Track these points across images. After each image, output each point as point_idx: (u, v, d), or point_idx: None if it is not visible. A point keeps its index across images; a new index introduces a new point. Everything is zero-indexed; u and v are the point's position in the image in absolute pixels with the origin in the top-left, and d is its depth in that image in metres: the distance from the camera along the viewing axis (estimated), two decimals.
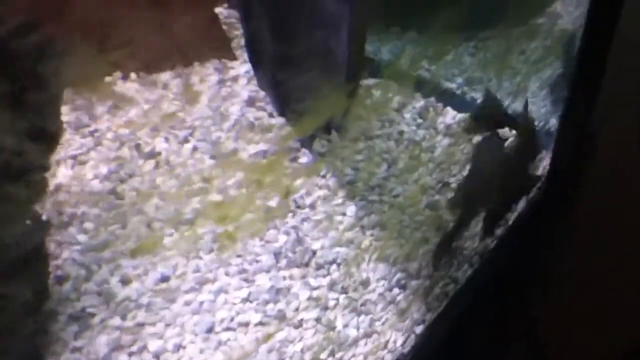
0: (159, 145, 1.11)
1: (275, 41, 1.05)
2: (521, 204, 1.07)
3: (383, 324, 0.89)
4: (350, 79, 0.91)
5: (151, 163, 1.07)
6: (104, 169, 1.05)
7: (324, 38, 0.90)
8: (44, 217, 0.84)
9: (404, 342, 0.86)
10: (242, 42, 1.26)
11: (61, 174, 1.04)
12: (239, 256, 0.94)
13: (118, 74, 1.22)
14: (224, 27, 1.36)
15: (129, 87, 1.22)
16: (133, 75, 1.23)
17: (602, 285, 1.19)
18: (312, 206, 1.03)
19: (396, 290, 0.93)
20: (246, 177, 1.02)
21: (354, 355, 0.85)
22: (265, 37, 1.07)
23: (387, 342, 0.87)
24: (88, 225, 0.97)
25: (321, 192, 1.05)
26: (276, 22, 1.02)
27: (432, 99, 1.25)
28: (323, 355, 0.83)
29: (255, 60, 1.20)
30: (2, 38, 0.69)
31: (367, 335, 0.87)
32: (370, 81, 1.21)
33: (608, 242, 1.16)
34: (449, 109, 1.25)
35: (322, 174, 1.08)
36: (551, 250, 1.12)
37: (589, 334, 1.08)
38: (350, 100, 0.95)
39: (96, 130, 1.12)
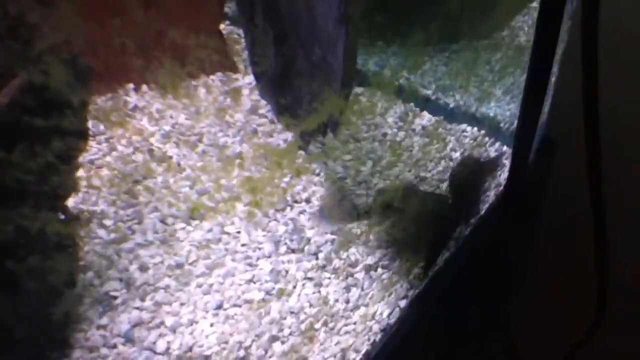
0: (170, 150, 1.21)
1: (280, 56, 1.17)
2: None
3: (370, 298, 0.99)
4: (345, 86, 1.05)
5: (163, 166, 1.18)
6: (119, 172, 1.15)
7: (323, 53, 1.04)
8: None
9: (390, 313, 0.96)
10: (245, 55, 1.38)
11: (79, 177, 1.14)
12: (243, 245, 1.06)
13: (130, 85, 1.34)
14: (228, 42, 1.48)
15: (141, 97, 1.33)
16: (144, 87, 1.35)
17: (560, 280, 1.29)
18: (308, 200, 1.15)
19: (380, 270, 1.04)
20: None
21: (345, 325, 0.95)
22: (268, 52, 1.19)
23: (375, 313, 0.96)
24: (107, 222, 1.06)
25: (315, 188, 1.17)
26: (281, 40, 1.14)
27: (411, 104, 1.39)
28: (317, 325, 0.94)
29: (258, 72, 1.31)
30: None
31: (356, 307, 0.97)
32: (359, 89, 1.34)
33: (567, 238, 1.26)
34: (425, 112, 1.38)
35: (316, 172, 1.21)
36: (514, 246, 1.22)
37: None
38: (345, 102, 1.08)
39: (111, 137, 1.22)
